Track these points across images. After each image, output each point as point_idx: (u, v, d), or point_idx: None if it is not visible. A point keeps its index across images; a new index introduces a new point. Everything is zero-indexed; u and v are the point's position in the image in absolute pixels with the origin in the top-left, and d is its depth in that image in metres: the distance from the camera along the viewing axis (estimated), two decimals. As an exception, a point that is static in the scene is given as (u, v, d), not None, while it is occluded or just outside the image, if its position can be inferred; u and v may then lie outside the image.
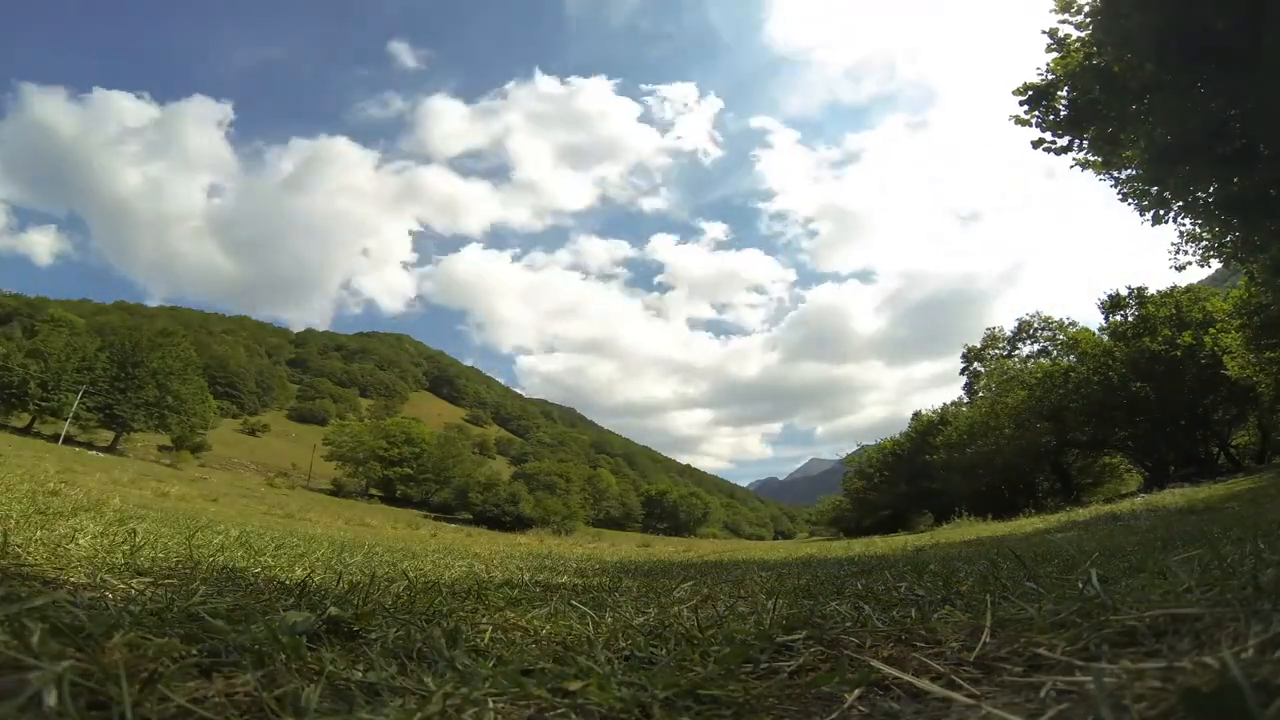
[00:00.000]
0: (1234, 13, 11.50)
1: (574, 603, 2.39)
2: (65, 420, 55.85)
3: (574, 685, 1.15)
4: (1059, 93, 15.59)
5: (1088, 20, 14.21)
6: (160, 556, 2.95)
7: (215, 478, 53.55)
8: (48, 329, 67.86)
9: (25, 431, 54.35)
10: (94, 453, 49.20)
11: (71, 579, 1.91)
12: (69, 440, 53.53)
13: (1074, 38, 14.76)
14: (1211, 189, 15.31)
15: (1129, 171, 16.38)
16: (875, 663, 1.22)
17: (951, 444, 45.45)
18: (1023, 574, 2.35)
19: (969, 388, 50.69)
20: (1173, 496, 17.66)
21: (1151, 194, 16.37)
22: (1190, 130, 13.35)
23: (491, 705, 1.04)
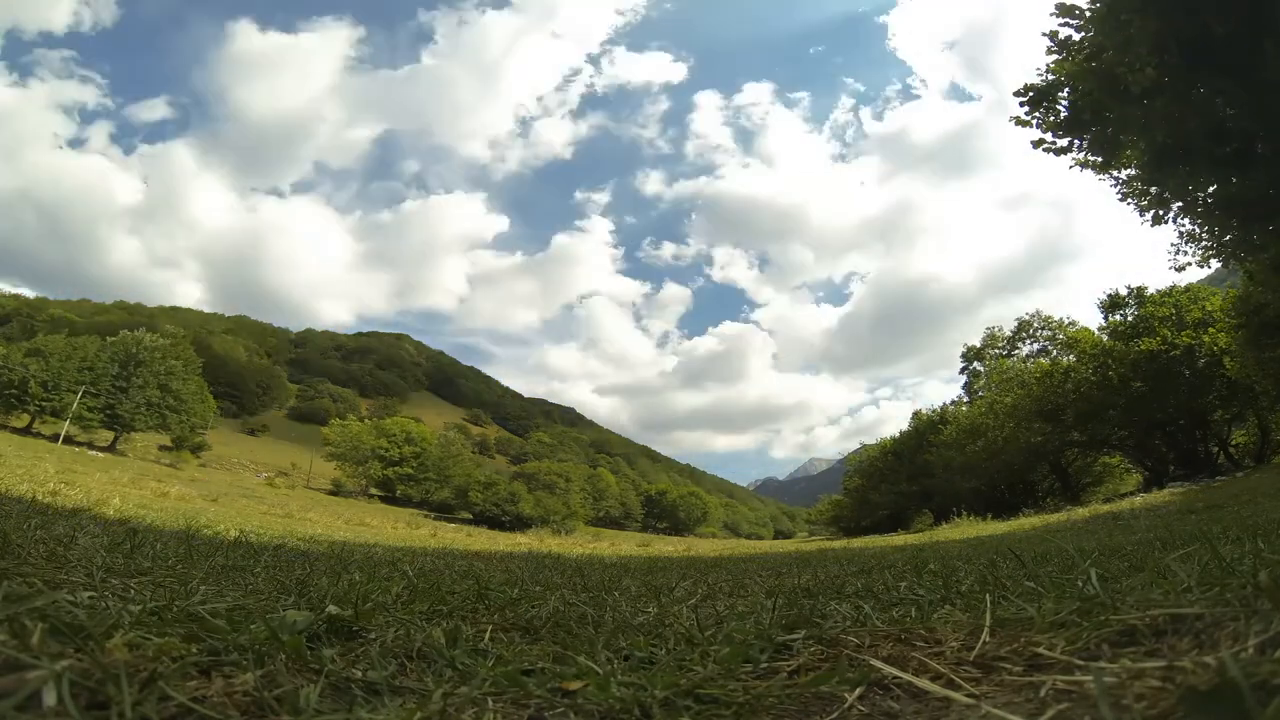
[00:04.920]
0: (1234, 17, 11.51)
1: (574, 603, 2.39)
2: (65, 420, 55.80)
3: (574, 685, 1.15)
4: (1059, 94, 15.60)
5: (1089, 25, 14.22)
6: (160, 556, 2.95)
7: (215, 478, 53.50)
8: (48, 329, 67.82)
9: (25, 431, 54.31)
10: (94, 453, 49.15)
11: (71, 579, 1.91)
12: (69, 440, 53.46)
13: (1075, 39, 14.77)
14: (1210, 189, 15.33)
15: (1128, 172, 16.41)
16: (875, 662, 1.22)
17: (951, 443, 45.44)
18: (1022, 574, 2.36)
19: (969, 387, 50.73)
20: (1172, 496, 17.70)
21: (1151, 194, 16.39)
22: (1190, 132, 13.38)
23: (491, 705, 1.04)
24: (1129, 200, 16.82)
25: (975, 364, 49.13)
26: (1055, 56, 15.26)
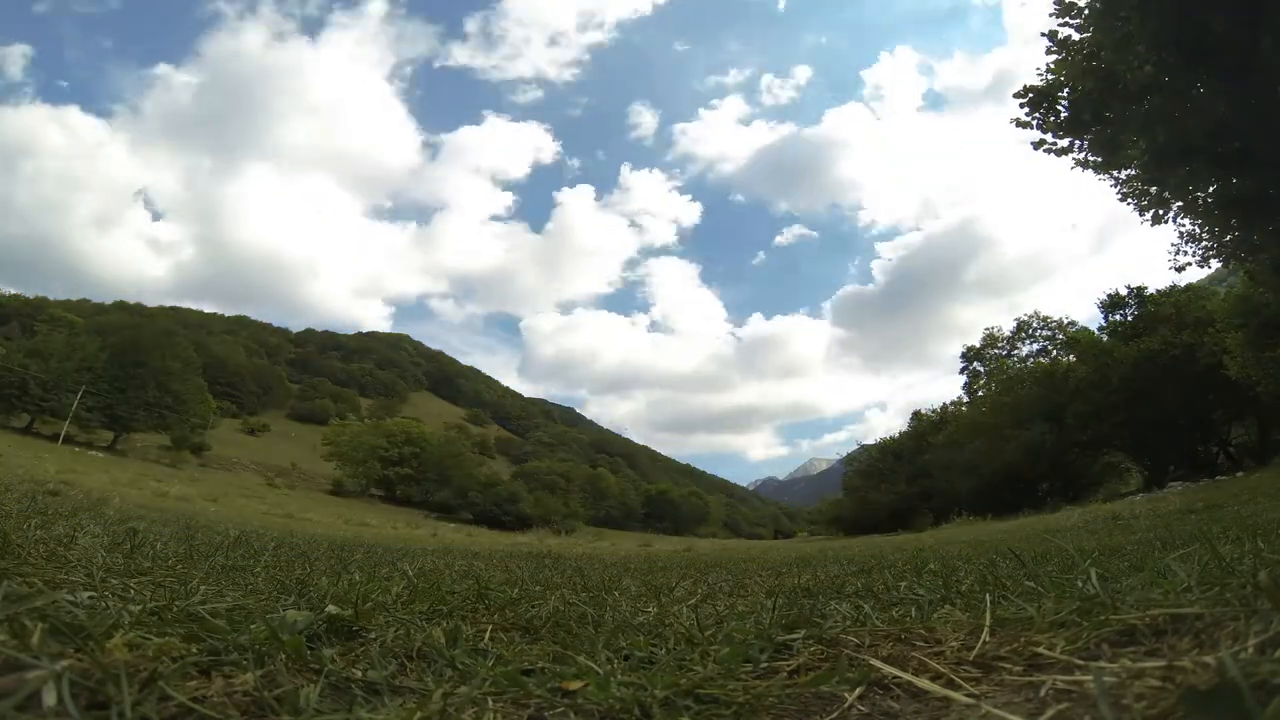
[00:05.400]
0: (1232, 15, 11.52)
1: (574, 602, 2.39)
2: (65, 420, 55.80)
3: (574, 685, 1.15)
4: (1059, 94, 15.61)
5: (1087, 23, 14.22)
6: (160, 556, 2.95)
7: (215, 478, 53.57)
8: (48, 329, 67.82)
9: (25, 431, 54.31)
10: (94, 453, 49.18)
11: (71, 579, 1.91)
12: (69, 440, 53.48)
13: (1074, 39, 14.78)
14: (1210, 189, 15.34)
15: (1129, 172, 16.41)
16: (875, 662, 1.22)
17: (952, 443, 45.46)
18: (1022, 573, 2.35)
19: (969, 387, 50.75)
20: (1172, 496, 17.69)
21: (1151, 194, 16.40)
22: (1190, 131, 13.38)
23: (491, 705, 1.04)
24: (1129, 200, 16.82)
25: (975, 364, 49.15)
26: (1055, 57, 15.27)
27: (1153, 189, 16.26)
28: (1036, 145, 16.30)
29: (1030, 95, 15.95)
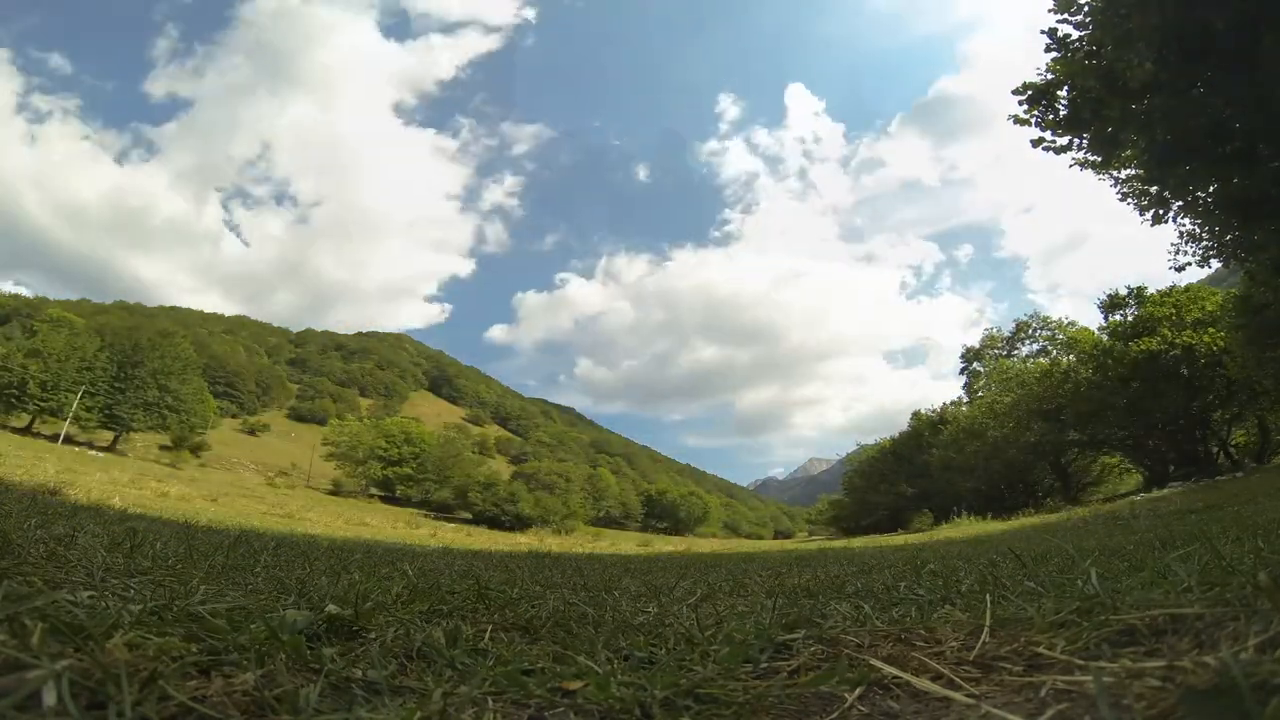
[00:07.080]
0: (1234, 13, 11.51)
1: (574, 602, 2.39)
2: (65, 420, 55.80)
3: (574, 685, 1.15)
4: (1059, 92, 15.62)
5: (1088, 20, 14.22)
6: (160, 556, 2.95)
7: (215, 478, 53.52)
8: (48, 329, 67.76)
9: (25, 431, 54.30)
10: (94, 453, 49.17)
11: (71, 579, 1.91)
12: (69, 440, 53.48)
13: (1074, 37, 14.77)
14: (1211, 188, 15.34)
15: (1128, 171, 16.43)
16: (875, 662, 1.22)
17: (951, 443, 45.44)
18: (1022, 574, 2.36)
19: (969, 388, 50.72)
20: (1172, 496, 17.71)
21: (1151, 194, 16.41)
22: (1190, 130, 13.38)
23: (491, 705, 1.04)
24: (1129, 200, 16.84)
25: (975, 364, 49.15)
26: (1054, 55, 15.27)
27: (1153, 189, 16.28)
28: (1035, 143, 16.32)
29: (1029, 92, 15.96)
